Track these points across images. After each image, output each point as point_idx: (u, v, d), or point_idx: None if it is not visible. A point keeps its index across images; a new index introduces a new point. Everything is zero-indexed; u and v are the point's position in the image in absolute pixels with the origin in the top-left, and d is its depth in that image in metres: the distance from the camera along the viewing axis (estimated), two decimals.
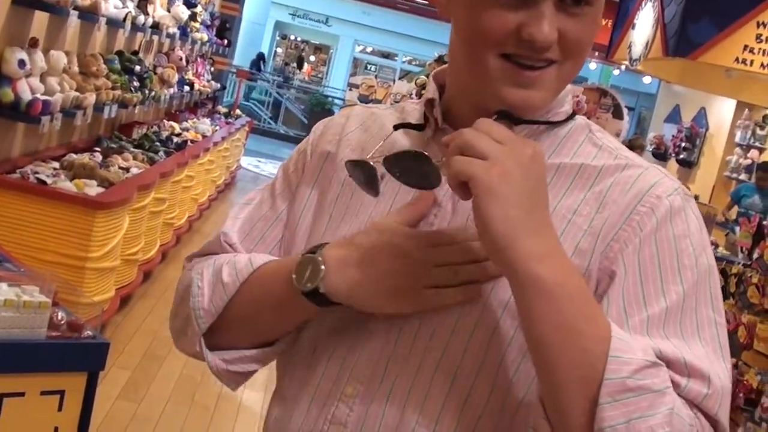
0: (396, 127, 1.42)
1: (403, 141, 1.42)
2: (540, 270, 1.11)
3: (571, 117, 1.39)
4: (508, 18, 1.22)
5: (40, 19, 5.88)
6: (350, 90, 17.30)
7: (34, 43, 5.53)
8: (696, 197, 12.19)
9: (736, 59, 10.37)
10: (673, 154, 14.59)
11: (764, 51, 10.27)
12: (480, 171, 1.10)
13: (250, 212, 1.55)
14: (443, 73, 1.42)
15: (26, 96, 5.33)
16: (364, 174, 1.28)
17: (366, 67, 33.87)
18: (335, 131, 1.52)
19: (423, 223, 1.34)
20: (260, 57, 27.55)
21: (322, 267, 1.29)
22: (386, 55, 33.76)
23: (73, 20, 5.80)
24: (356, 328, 1.33)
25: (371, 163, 1.27)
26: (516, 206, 1.11)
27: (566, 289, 1.12)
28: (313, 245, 1.36)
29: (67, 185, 5.56)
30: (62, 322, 2.90)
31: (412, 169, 1.21)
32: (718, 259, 7.90)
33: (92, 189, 5.67)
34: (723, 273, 6.17)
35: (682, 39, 10.58)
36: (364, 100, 16.51)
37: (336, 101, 23.91)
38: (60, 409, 2.85)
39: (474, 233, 1.22)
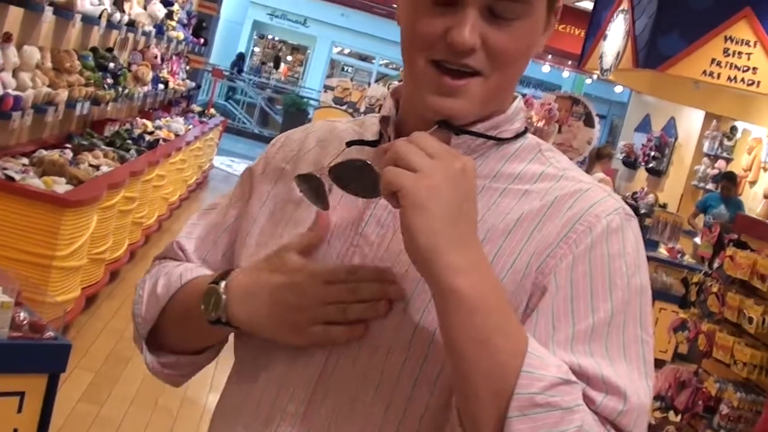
0: (349, 144, 1.45)
1: (357, 156, 1.44)
2: (460, 283, 1.14)
3: (522, 134, 1.42)
4: (436, 23, 1.27)
5: (14, 14, 5.88)
6: (325, 92, 17.35)
7: (7, 38, 5.54)
8: (664, 206, 12.30)
9: (704, 72, 10.49)
10: (643, 163, 14.70)
11: (731, 65, 10.40)
12: (408, 182, 1.13)
13: (208, 219, 1.60)
14: (400, 90, 1.45)
15: None
16: (312, 187, 1.31)
17: (343, 69, 33.87)
18: (293, 147, 1.56)
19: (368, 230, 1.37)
20: (240, 57, 27.52)
21: (224, 297, 1.35)
22: (363, 58, 33.77)
23: (48, 16, 5.80)
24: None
25: (318, 176, 1.30)
26: (441, 219, 1.13)
27: (485, 303, 1.15)
28: (221, 272, 1.41)
29: (35, 182, 5.54)
30: (24, 322, 2.91)
31: (355, 178, 1.23)
32: (683, 267, 8.01)
33: (61, 186, 5.67)
34: (684, 282, 6.25)
35: (652, 51, 10.69)
36: (338, 102, 16.54)
37: (311, 102, 23.90)
38: (20, 410, 2.85)
39: (370, 270, 1.29)
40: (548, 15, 1.36)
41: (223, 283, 1.36)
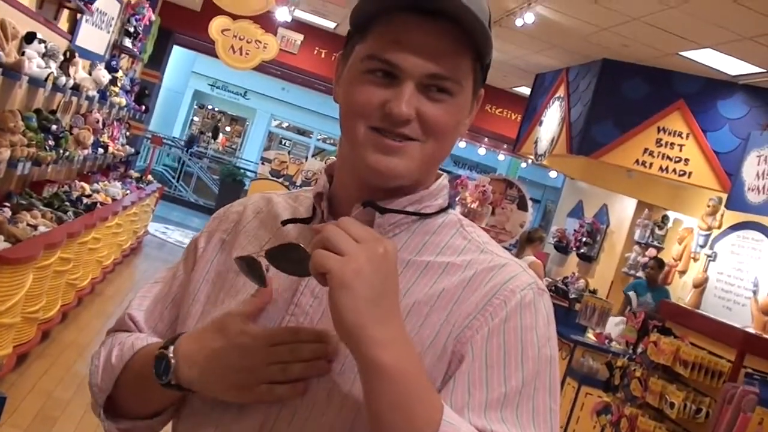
0: (284, 223, 1.58)
1: (292, 232, 1.57)
2: (381, 356, 1.24)
3: (444, 210, 1.56)
4: (376, 94, 1.41)
5: None
6: (263, 164, 17.42)
7: None
8: (594, 291, 12.46)
9: (637, 161, 10.78)
10: (575, 248, 14.86)
11: (663, 155, 10.69)
12: (335, 265, 1.24)
13: (155, 291, 1.72)
14: (334, 166, 1.58)
15: None
16: (251, 268, 1.42)
17: (281, 142, 34.00)
18: (232, 219, 1.68)
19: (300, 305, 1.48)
20: (191, 139, 27.46)
21: (173, 362, 1.44)
22: (302, 132, 33.94)
23: None
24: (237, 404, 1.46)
25: (256, 258, 1.42)
26: (364, 299, 1.23)
27: (405, 374, 1.25)
28: (170, 337, 1.51)
29: None
30: None
31: (289, 259, 1.35)
32: (610, 352, 8.13)
33: None
34: (609, 366, 6.37)
35: (586, 139, 10.96)
36: (275, 174, 16.63)
37: (248, 173, 23.96)
38: None
39: (310, 331, 1.40)
40: (472, 99, 1.51)
41: (171, 348, 1.46)
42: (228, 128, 35.99)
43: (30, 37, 6.85)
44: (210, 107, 35.26)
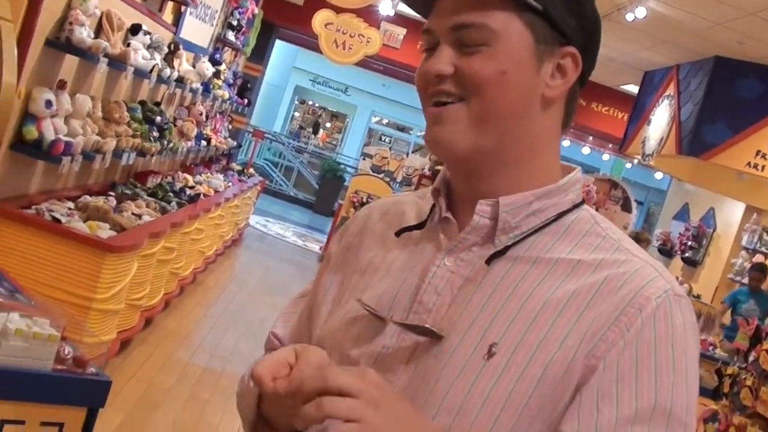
0: (397, 234, 1.54)
1: (415, 233, 1.52)
2: None
3: (578, 205, 1.46)
4: (423, 65, 1.41)
5: (70, 63, 6.01)
6: (363, 159, 17.47)
7: (62, 85, 5.65)
8: (698, 296, 12.19)
9: (748, 163, 10.46)
10: (679, 252, 14.58)
11: None
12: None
13: (300, 306, 1.71)
14: None
15: (50, 135, 5.45)
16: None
17: (381, 138, 34.12)
18: (359, 224, 1.65)
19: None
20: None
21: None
22: (401, 128, 34.03)
23: (102, 67, 5.92)
24: None
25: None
26: None
27: None
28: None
29: (80, 226, 5.62)
30: (68, 356, 2.95)
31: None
32: (714, 359, 7.93)
33: (104, 232, 5.74)
34: (718, 373, 6.20)
35: (696, 139, 10.69)
36: (376, 170, 16.66)
37: (348, 169, 24.05)
38: None
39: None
40: (540, 54, 1.39)
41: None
42: (328, 124, 36.25)
43: (135, 29, 6.92)
44: (311, 103, 35.54)
